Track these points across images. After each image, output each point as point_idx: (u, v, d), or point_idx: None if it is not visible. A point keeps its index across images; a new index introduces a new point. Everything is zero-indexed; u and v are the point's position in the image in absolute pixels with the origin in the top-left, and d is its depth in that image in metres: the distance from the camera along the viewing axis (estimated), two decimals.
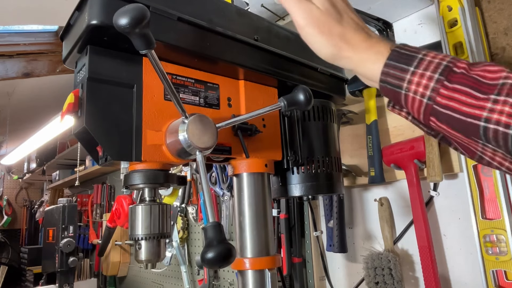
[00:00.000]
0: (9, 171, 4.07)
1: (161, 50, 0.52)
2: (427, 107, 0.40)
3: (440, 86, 0.39)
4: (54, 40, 1.76)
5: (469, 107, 0.37)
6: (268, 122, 0.65)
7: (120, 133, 0.49)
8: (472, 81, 0.38)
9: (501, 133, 0.35)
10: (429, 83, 0.39)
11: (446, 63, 0.39)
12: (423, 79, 0.40)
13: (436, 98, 0.39)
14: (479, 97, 0.37)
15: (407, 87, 0.41)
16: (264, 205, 0.62)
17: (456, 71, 0.39)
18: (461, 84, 0.38)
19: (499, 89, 0.36)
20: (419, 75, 0.40)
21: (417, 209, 0.89)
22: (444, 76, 0.39)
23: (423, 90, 0.40)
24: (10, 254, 3.73)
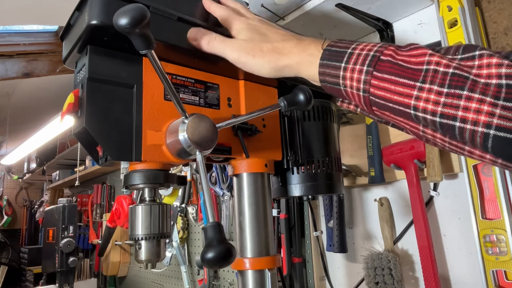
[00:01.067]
0: (9, 171, 4.07)
1: (161, 50, 0.52)
2: (365, 98, 0.41)
3: (371, 77, 0.40)
4: (54, 40, 1.76)
5: (398, 95, 0.38)
6: (268, 122, 0.65)
7: (120, 133, 0.49)
8: (397, 68, 0.38)
9: (429, 120, 0.36)
10: (360, 76, 0.41)
11: (373, 53, 0.40)
12: (354, 73, 0.41)
13: (369, 89, 0.40)
14: (406, 83, 0.37)
15: (343, 83, 0.42)
16: (264, 205, 0.62)
17: (383, 60, 0.40)
18: (388, 73, 0.39)
19: (423, 76, 0.37)
20: (350, 70, 0.41)
21: (417, 209, 0.89)
22: (372, 66, 0.40)
23: (357, 84, 0.41)
24: (10, 254, 3.73)
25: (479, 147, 0.35)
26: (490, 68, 0.34)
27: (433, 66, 0.36)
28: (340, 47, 0.44)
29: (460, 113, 0.34)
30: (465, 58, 0.36)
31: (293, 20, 0.95)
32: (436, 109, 0.35)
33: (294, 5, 0.92)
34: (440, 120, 0.35)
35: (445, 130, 0.36)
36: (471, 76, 0.34)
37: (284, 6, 0.93)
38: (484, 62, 0.34)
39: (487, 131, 0.33)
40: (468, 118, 0.33)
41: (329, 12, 0.92)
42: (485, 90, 0.33)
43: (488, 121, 0.32)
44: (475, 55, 0.35)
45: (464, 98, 0.34)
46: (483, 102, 0.33)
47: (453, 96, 0.34)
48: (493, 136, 0.33)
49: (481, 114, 0.33)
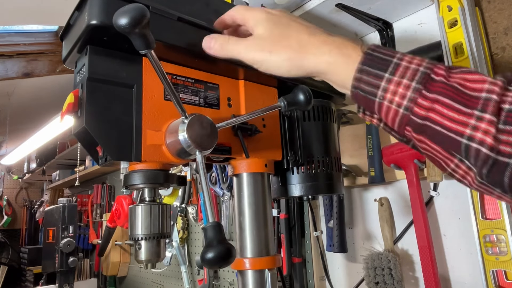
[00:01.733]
0: (9, 171, 4.07)
1: (161, 50, 0.52)
2: (404, 117, 0.38)
3: (418, 96, 0.36)
4: (54, 40, 1.76)
5: (451, 122, 0.35)
6: (268, 122, 0.65)
7: (120, 133, 0.49)
8: (452, 91, 0.35)
9: (483, 154, 0.33)
10: (406, 92, 0.37)
11: (423, 69, 0.37)
12: (400, 87, 0.37)
13: (413, 108, 0.37)
14: (462, 110, 0.34)
15: (382, 95, 0.38)
16: (264, 205, 0.62)
17: (435, 79, 0.36)
18: (441, 95, 0.35)
19: (483, 104, 0.33)
20: (395, 83, 0.37)
21: (417, 209, 0.89)
22: (422, 84, 0.36)
23: (400, 100, 0.37)
24: (10, 254, 3.73)
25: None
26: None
27: (495, 96, 0.33)
28: (384, 53, 0.39)
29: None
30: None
31: None
32: (496, 145, 0.32)
33: (294, 5, 0.92)
34: (496, 157, 0.32)
35: (496, 168, 0.33)
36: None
37: (284, 6, 0.93)
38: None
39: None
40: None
41: (329, 12, 0.92)
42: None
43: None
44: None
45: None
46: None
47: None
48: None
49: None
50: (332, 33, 0.45)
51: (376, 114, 0.42)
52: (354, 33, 1.06)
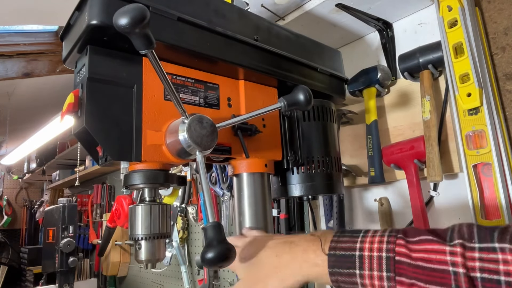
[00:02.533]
0: (9, 171, 4.07)
1: (161, 50, 0.52)
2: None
3: (395, 284, 0.38)
4: (54, 40, 1.76)
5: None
6: (268, 122, 0.65)
7: (120, 133, 0.49)
8: (421, 272, 0.36)
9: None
10: (381, 283, 0.38)
11: (385, 254, 0.38)
12: (374, 280, 0.39)
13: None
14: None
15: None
16: (264, 205, 0.62)
17: (400, 261, 0.37)
18: (414, 279, 0.37)
19: (454, 279, 0.35)
20: (368, 277, 0.39)
21: (417, 209, 0.89)
22: (392, 271, 0.38)
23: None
24: (10, 254, 3.73)
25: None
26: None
27: (461, 269, 0.34)
28: (344, 249, 0.41)
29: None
30: (485, 249, 0.34)
31: (293, 20, 0.95)
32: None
33: (294, 5, 0.92)
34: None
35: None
36: (502, 278, 0.33)
37: (284, 6, 0.93)
38: (508, 258, 0.33)
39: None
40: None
41: (329, 12, 0.92)
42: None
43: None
44: (495, 247, 0.34)
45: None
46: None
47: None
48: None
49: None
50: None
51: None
52: (354, 33, 1.06)
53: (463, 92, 0.78)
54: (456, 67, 0.80)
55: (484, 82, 0.78)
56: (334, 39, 1.07)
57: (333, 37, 1.06)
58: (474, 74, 0.77)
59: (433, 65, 0.87)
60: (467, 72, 0.78)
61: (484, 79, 0.79)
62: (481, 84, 0.77)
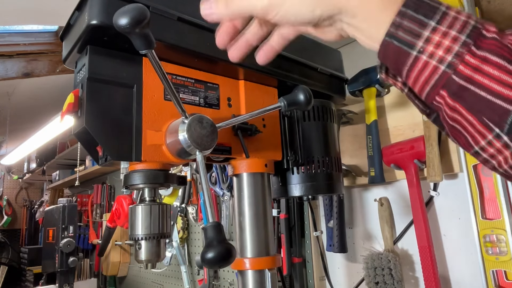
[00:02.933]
0: (9, 171, 4.07)
1: (161, 50, 0.52)
2: (442, 76, 0.31)
3: (467, 52, 0.30)
4: (54, 40, 1.76)
5: (501, 85, 0.29)
6: (268, 122, 0.65)
7: (120, 133, 0.49)
8: (507, 51, 0.30)
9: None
10: (453, 45, 0.31)
11: (474, 22, 0.31)
12: (446, 39, 0.31)
13: (458, 66, 0.31)
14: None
15: (423, 47, 0.32)
16: (264, 205, 0.63)
17: (486, 36, 0.31)
18: (492, 54, 0.30)
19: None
20: (441, 34, 0.31)
21: (417, 209, 0.89)
22: (473, 39, 0.30)
23: (444, 54, 0.31)
24: (10, 254, 3.73)
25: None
26: None
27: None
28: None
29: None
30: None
31: None
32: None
33: None
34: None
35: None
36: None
37: None
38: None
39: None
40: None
41: None
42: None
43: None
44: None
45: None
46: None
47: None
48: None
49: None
50: None
51: (403, 76, 0.35)
52: None
53: None
54: None
55: None
56: None
57: None
58: None
59: None
60: None
61: None
62: None
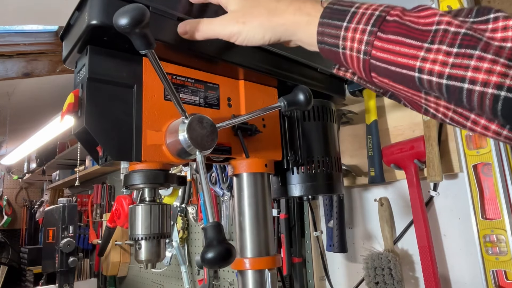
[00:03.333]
0: (9, 171, 4.07)
1: (161, 50, 0.52)
2: (365, 62, 0.38)
3: (374, 38, 0.37)
4: (54, 40, 1.76)
5: (403, 57, 0.35)
6: (268, 122, 0.65)
7: (120, 133, 0.49)
8: (405, 28, 0.36)
9: (435, 83, 0.34)
10: (362, 36, 0.37)
11: (378, 12, 0.37)
12: (357, 33, 0.38)
13: (371, 51, 0.37)
14: (413, 44, 0.35)
15: (343, 44, 0.39)
16: (264, 205, 0.62)
17: (389, 20, 0.37)
18: (394, 34, 0.36)
19: (432, 36, 0.34)
20: (352, 30, 0.38)
21: (417, 209, 0.89)
22: (377, 26, 0.37)
23: (358, 45, 0.38)
24: (10, 254, 3.73)
25: (488, 111, 0.32)
26: (507, 31, 0.32)
27: (443, 26, 0.34)
28: (343, 5, 0.40)
29: (469, 74, 0.32)
30: (478, 21, 0.34)
31: None
32: (444, 70, 0.33)
33: None
34: (447, 82, 0.33)
35: (451, 94, 0.33)
36: (484, 38, 0.32)
37: None
38: (499, 25, 0.32)
39: (497, 92, 0.30)
40: (478, 79, 0.31)
41: None
42: (499, 52, 0.31)
43: (500, 82, 0.30)
44: (489, 18, 0.33)
45: (475, 58, 0.31)
46: (495, 63, 0.31)
47: (463, 56, 0.32)
48: (504, 98, 0.30)
49: (493, 74, 0.31)
50: None
51: (349, 68, 0.42)
52: None
53: None
54: None
55: None
56: None
57: None
58: None
59: None
60: None
61: None
62: None
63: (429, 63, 0.34)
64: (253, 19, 0.46)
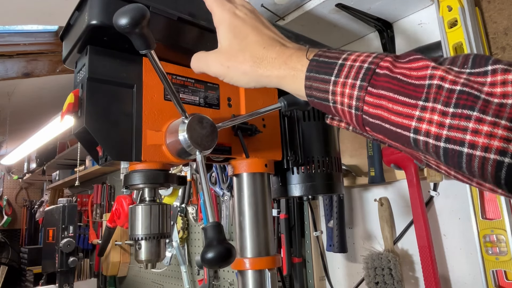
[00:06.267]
0: (9, 171, 4.07)
1: (161, 50, 0.52)
2: (358, 117, 0.36)
3: (365, 94, 0.35)
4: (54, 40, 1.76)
5: (397, 116, 0.33)
6: (268, 122, 0.65)
7: (120, 133, 0.49)
8: (397, 83, 0.33)
9: (431, 145, 0.31)
10: (352, 92, 0.35)
11: (367, 65, 0.36)
12: (346, 88, 0.36)
13: (363, 107, 0.35)
14: (406, 102, 0.32)
15: (333, 99, 0.37)
16: (264, 205, 0.62)
17: (378, 73, 0.35)
18: (385, 89, 0.34)
19: (426, 92, 0.32)
20: (341, 84, 0.36)
21: (417, 209, 0.89)
22: (367, 81, 0.35)
23: (349, 101, 0.36)
24: (10, 254, 3.73)
25: (490, 179, 0.29)
26: (506, 86, 0.29)
27: (436, 81, 0.31)
28: (329, 57, 0.39)
29: (468, 137, 0.29)
30: (475, 73, 0.31)
31: (293, 20, 0.95)
32: (441, 132, 0.30)
33: (294, 5, 0.92)
34: (445, 145, 0.30)
35: (449, 158, 0.31)
36: (482, 95, 0.29)
37: (284, 6, 0.93)
38: (498, 79, 0.29)
39: (501, 158, 0.28)
40: (478, 143, 0.28)
41: (329, 12, 0.92)
42: (499, 112, 0.28)
43: (503, 147, 0.27)
44: (487, 70, 0.30)
45: (473, 119, 0.29)
46: (496, 126, 0.28)
47: (460, 117, 0.29)
48: (508, 165, 0.27)
49: (494, 139, 0.28)
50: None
51: (342, 119, 0.41)
52: (354, 33, 1.06)
53: None
54: None
55: None
56: (334, 39, 1.07)
57: (333, 37, 1.06)
58: None
59: None
60: None
61: None
62: None
63: (425, 124, 0.31)
64: (238, 65, 0.45)
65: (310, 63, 0.40)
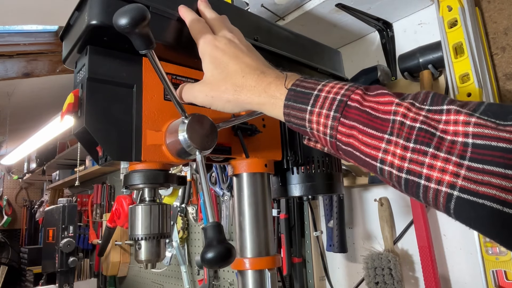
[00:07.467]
0: (9, 171, 4.07)
1: (161, 50, 0.52)
2: (332, 143, 0.40)
3: (338, 124, 0.39)
4: (54, 40, 1.76)
5: (366, 146, 0.37)
6: (268, 122, 0.65)
7: (120, 133, 0.49)
8: (366, 117, 0.37)
9: (395, 175, 0.35)
10: (326, 121, 0.39)
11: (340, 97, 0.39)
12: (321, 117, 0.40)
13: (336, 135, 0.39)
14: (374, 135, 0.36)
15: (310, 126, 0.41)
16: (264, 205, 0.62)
17: (350, 105, 0.38)
18: (356, 121, 0.37)
19: (391, 127, 0.35)
20: (316, 114, 0.40)
21: (417, 209, 0.89)
22: (339, 112, 0.38)
23: (323, 129, 0.40)
24: (10, 254, 3.73)
25: (442, 209, 0.33)
26: (457, 126, 0.32)
27: (399, 117, 0.35)
28: (305, 87, 0.42)
29: (425, 171, 0.33)
30: (433, 111, 0.34)
31: (293, 20, 0.95)
32: (403, 164, 0.34)
33: (294, 5, 0.92)
34: (406, 176, 0.34)
35: (409, 188, 0.34)
36: (437, 133, 0.33)
37: (284, 6, 0.93)
38: (451, 118, 0.33)
39: (450, 191, 0.31)
40: (433, 177, 0.32)
41: (329, 12, 0.92)
42: (451, 149, 0.32)
43: (453, 182, 0.31)
44: (442, 109, 0.34)
45: (429, 155, 0.32)
46: (448, 162, 0.31)
47: (418, 152, 0.33)
48: (456, 198, 0.31)
49: (446, 173, 0.31)
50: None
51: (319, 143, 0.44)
52: (354, 33, 1.06)
53: (463, 92, 0.78)
54: (456, 67, 0.80)
55: (484, 82, 0.78)
56: (334, 39, 1.07)
57: (333, 37, 1.06)
58: (474, 74, 0.77)
59: (433, 65, 0.87)
60: (467, 72, 0.78)
61: (484, 79, 0.79)
62: (481, 84, 0.77)
63: (390, 156, 0.35)
64: (221, 94, 0.48)
65: (288, 93, 0.43)
